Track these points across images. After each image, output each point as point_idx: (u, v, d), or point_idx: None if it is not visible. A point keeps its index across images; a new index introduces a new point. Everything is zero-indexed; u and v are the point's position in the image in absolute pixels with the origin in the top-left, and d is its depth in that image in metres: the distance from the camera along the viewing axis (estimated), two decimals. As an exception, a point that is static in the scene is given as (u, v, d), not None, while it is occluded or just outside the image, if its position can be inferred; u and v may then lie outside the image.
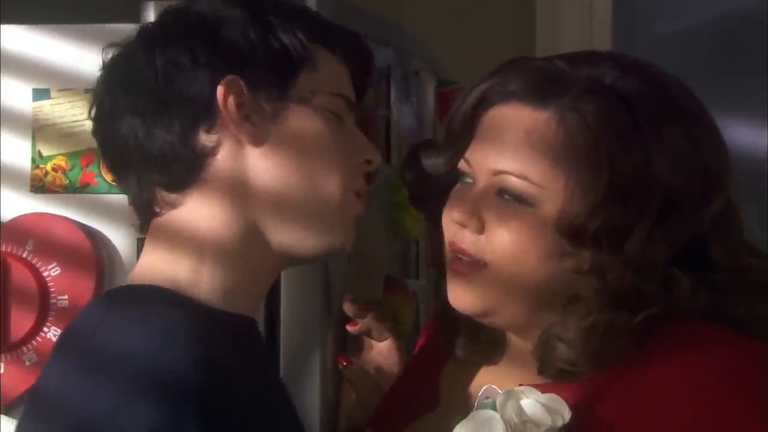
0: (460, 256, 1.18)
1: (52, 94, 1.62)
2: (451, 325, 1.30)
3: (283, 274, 1.53)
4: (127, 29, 1.28)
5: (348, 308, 1.49)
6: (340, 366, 1.50)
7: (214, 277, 1.15)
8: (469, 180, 1.19)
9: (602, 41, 2.91)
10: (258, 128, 1.15)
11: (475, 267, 1.17)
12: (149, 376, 1.00)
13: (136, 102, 1.15)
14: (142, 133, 1.15)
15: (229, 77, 1.13)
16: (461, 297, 1.19)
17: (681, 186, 1.12)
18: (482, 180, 1.17)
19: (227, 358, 1.07)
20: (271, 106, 1.16)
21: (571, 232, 1.11)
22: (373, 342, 1.54)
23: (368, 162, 1.23)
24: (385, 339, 1.51)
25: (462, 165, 1.20)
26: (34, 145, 1.62)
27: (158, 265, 1.16)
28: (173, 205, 1.16)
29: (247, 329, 1.19)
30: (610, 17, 2.95)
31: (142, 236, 1.23)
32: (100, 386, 1.02)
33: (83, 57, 1.59)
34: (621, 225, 1.10)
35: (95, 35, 1.59)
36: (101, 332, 1.07)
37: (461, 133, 1.20)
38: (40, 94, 1.62)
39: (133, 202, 1.21)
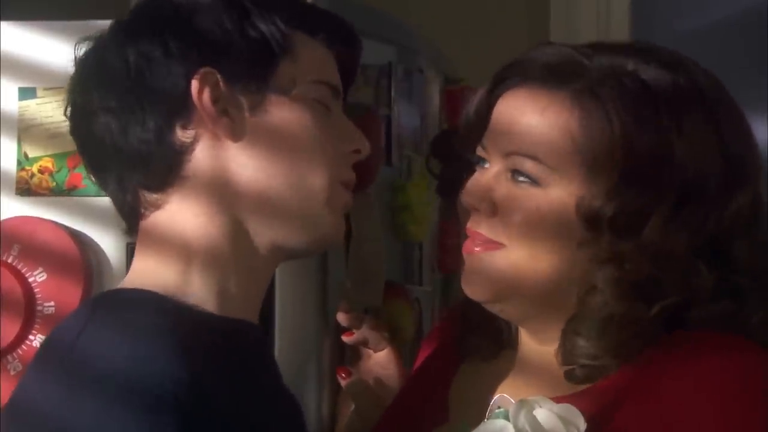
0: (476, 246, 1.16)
1: (39, 93, 1.59)
2: (467, 320, 1.27)
3: (277, 281, 1.52)
4: None
5: (342, 318, 1.45)
6: (339, 377, 1.47)
7: (204, 280, 1.11)
8: (486, 165, 1.17)
9: (620, 37, 2.85)
10: (236, 122, 1.11)
11: (490, 245, 1.14)
12: (128, 389, 0.97)
13: (109, 99, 1.12)
14: (117, 132, 1.11)
15: (204, 70, 1.10)
16: (472, 282, 1.17)
17: (701, 174, 1.09)
18: (496, 163, 1.15)
19: (215, 366, 1.03)
20: (250, 98, 1.12)
21: (588, 217, 1.09)
22: (371, 352, 1.49)
23: (356, 152, 1.19)
24: (383, 349, 1.47)
25: (479, 150, 1.18)
26: (19, 146, 1.59)
27: (148, 270, 1.13)
28: (157, 206, 1.13)
29: (243, 334, 1.15)
30: (628, 14, 2.89)
31: (132, 241, 1.19)
32: (78, 400, 0.99)
33: (71, 54, 1.53)
34: (638, 210, 1.08)
35: (82, 32, 1.50)
36: (81, 343, 1.03)
37: (479, 118, 1.18)
38: (26, 93, 1.59)
39: (117, 205, 1.17)
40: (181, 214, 1.12)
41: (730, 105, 1.15)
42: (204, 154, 1.11)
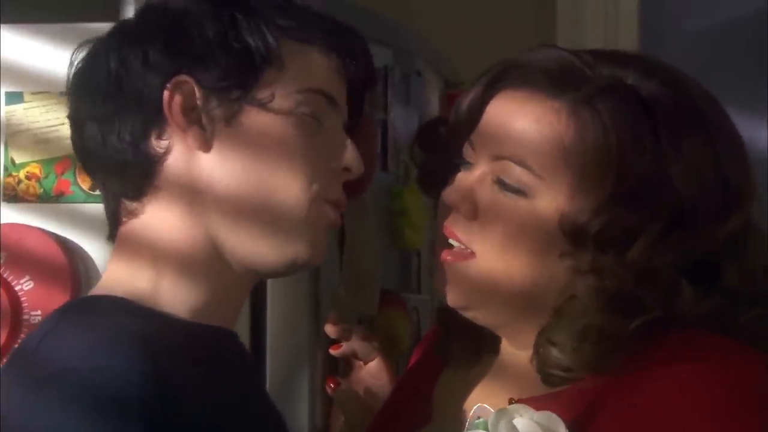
0: (450, 241, 1.14)
1: (26, 98, 1.56)
2: (447, 328, 1.26)
3: (269, 290, 1.51)
4: (104, 28, 1.23)
5: (330, 330, 1.44)
6: (327, 388, 1.45)
7: (176, 291, 1.10)
8: (471, 168, 1.15)
9: (628, 38, 2.82)
10: (207, 132, 1.09)
11: (462, 255, 1.13)
12: (90, 392, 0.96)
13: (93, 107, 1.12)
14: (99, 140, 1.11)
15: (176, 79, 1.08)
16: (445, 287, 1.15)
17: (696, 198, 1.07)
18: (483, 164, 1.13)
19: (184, 371, 1.02)
20: (227, 108, 1.09)
21: (573, 231, 1.07)
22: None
23: (347, 170, 1.15)
24: (373, 359, 1.45)
25: (466, 148, 1.16)
26: (6, 151, 1.56)
27: (120, 277, 1.12)
28: (134, 214, 1.12)
29: (216, 340, 1.13)
30: (637, 13, 2.85)
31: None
32: (38, 405, 0.97)
33: (58, 58, 1.52)
34: (626, 229, 1.06)
35: (71, 35, 1.52)
36: (43, 347, 1.02)
37: (470, 115, 1.16)
38: (12, 98, 1.56)
39: (105, 210, 1.17)
40: (154, 224, 1.11)
41: (729, 129, 1.13)
42: (177, 164, 1.09)
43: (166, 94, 1.08)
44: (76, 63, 1.15)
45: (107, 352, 0.98)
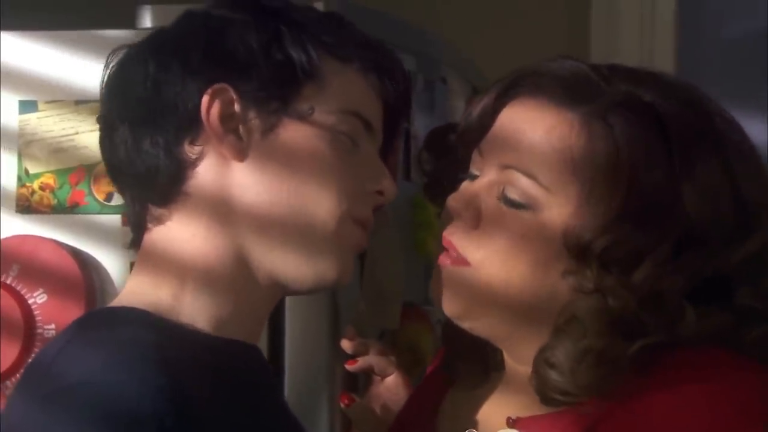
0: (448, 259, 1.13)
1: (40, 107, 1.55)
2: (453, 344, 1.25)
3: (287, 303, 1.50)
4: (120, 36, 1.22)
5: (346, 345, 1.41)
6: (342, 404, 1.43)
7: (197, 303, 1.09)
8: (478, 174, 1.14)
9: (664, 43, 2.77)
10: (243, 141, 1.09)
11: (459, 260, 1.11)
12: (106, 406, 0.94)
13: (127, 111, 1.11)
14: (131, 145, 1.10)
15: (217, 86, 1.08)
16: (440, 294, 1.13)
17: (708, 220, 1.05)
18: (490, 172, 1.11)
19: (203, 385, 1.00)
20: (265, 119, 1.09)
21: (577, 247, 1.05)
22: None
23: (379, 193, 1.16)
24: (390, 374, 1.43)
25: (474, 155, 1.15)
26: (20, 161, 1.56)
27: (141, 288, 1.11)
28: (160, 221, 1.11)
29: (236, 354, 1.12)
30: (674, 18, 2.80)
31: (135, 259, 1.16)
32: (55, 417, 0.96)
33: (73, 66, 1.53)
34: (633, 248, 1.04)
35: (86, 42, 1.53)
36: (59, 361, 1.01)
37: (481, 122, 1.15)
38: (26, 107, 1.56)
39: (128, 217, 1.17)
40: (179, 232, 1.10)
41: (748, 152, 1.11)
42: (208, 171, 1.09)
43: (205, 99, 1.07)
44: (110, 66, 1.15)
45: (124, 366, 0.97)
